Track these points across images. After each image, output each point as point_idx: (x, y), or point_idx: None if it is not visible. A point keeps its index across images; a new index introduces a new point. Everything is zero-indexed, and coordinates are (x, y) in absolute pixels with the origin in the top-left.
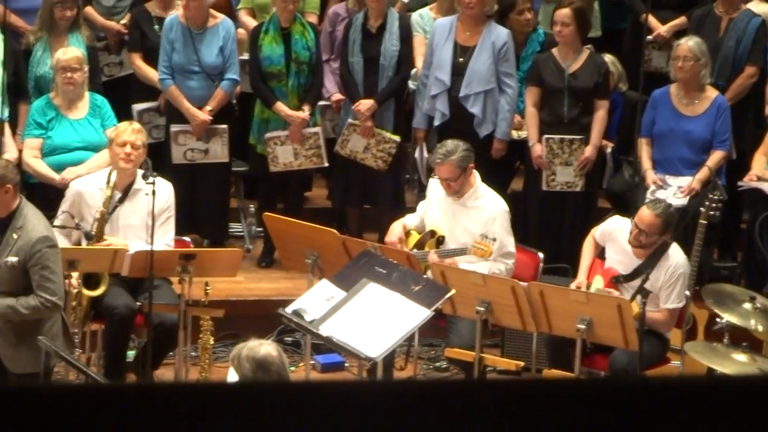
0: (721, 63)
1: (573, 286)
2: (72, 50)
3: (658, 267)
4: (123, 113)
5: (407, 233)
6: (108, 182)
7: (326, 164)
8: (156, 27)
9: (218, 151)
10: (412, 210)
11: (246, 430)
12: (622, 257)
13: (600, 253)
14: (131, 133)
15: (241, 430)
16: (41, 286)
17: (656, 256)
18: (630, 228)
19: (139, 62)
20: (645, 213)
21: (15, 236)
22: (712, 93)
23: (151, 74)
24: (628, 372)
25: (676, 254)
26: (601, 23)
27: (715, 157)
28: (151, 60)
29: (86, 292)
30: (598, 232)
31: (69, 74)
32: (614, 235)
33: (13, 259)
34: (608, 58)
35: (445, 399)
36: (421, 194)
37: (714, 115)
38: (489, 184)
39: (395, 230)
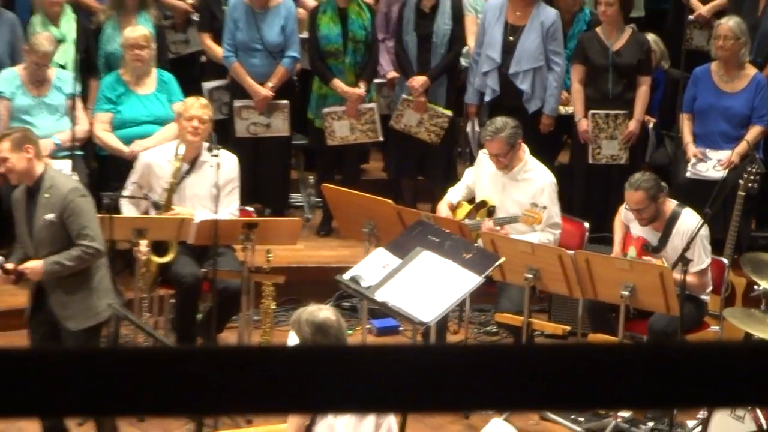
0: (760, 41)
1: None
2: (140, 29)
3: (673, 235)
4: (188, 89)
5: (457, 206)
6: (176, 155)
7: (381, 138)
8: (224, 8)
9: (279, 125)
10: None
11: (297, 392)
12: (644, 234)
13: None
14: (199, 107)
15: (292, 392)
16: (80, 234)
17: (671, 225)
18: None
19: (209, 42)
20: (627, 195)
21: (47, 196)
22: (751, 70)
23: (221, 53)
24: (667, 334)
25: (688, 219)
26: (644, 3)
27: (754, 131)
28: (221, 40)
29: (155, 258)
30: (622, 213)
31: (137, 51)
32: (632, 216)
33: (50, 216)
34: (651, 37)
35: (494, 363)
36: (474, 163)
37: (753, 92)
38: (537, 157)
39: (441, 210)
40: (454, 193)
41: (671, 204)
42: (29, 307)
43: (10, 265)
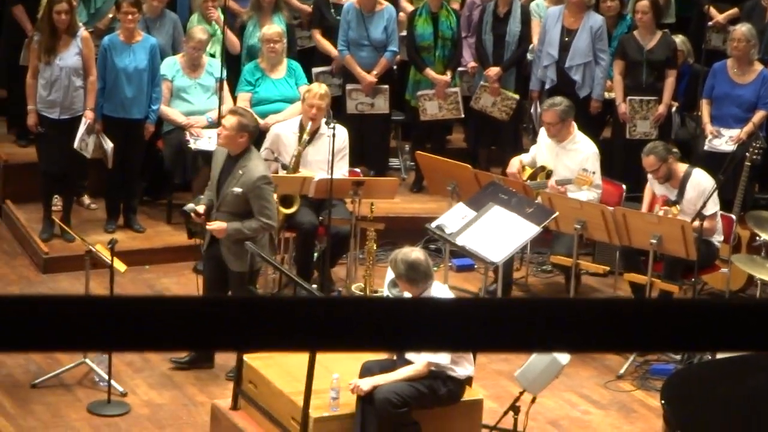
0: (767, 43)
1: None
2: (274, 27)
3: (687, 189)
4: (311, 75)
5: (522, 167)
6: (302, 130)
7: (462, 115)
8: (332, 11)
9: (381, 104)
10: (528, 151)
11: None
12: (666, 192)
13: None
14: (318, 98)
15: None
16: (261, 212)
17: (685, 182)
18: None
19: (318, 36)
20: (643, 160)
21: (241, 172)
22: (758, 66)
23: (327, 46)
24: (676, 267)
25: (698, 176)
26: (675, 11)
27: (759, 115)
28: (327, 35)
29: (282, 210)
30: (649, 179)
31: (272, 45)
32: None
33: (237, 189)
34: (680, 38)
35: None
36: (534, 139)
37: (760, 83)
38: (585, 132)
39: (514, 164)
40: (524, 157)
41: (683, 166)
42: (205, 243)
43: (201, 208)
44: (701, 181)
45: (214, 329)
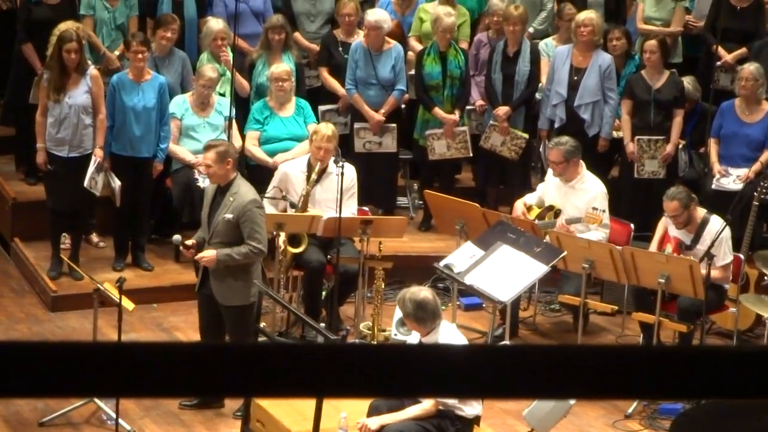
0: None
1: None
2: (283, 66)
3: (704, 236)
4: (318, 113)
5: (529, 208)
6: (309, 169)
7: (471, 155)
8: (340, 49)
9: (389, 143)
10: (535, 190)
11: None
12: (680, 235)
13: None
14: (325, 140)
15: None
16: (251, 236)
17: (702, 229)
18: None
19: (325, 74)
20: (665, 204)
21: (231, 199)
22: (766, 106)
23: (334, 84)
24: (690, 311)
25: (716, 225)
26: (682, 51)
27: (767, 154)
28: (335, 73)
29: (290, 249)
30: (664, 218)
31: (280, 83)
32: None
33: (229, 216)
34: (689, 78)
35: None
36: (543, 178)
37: (767, 122)
38: (593, 171)
39: (518, 207)
40: (529, 197)
41: (701, 211)
42: (198, 283)
43: (189, 242)
44: (720, 231)
45: (220, 377)
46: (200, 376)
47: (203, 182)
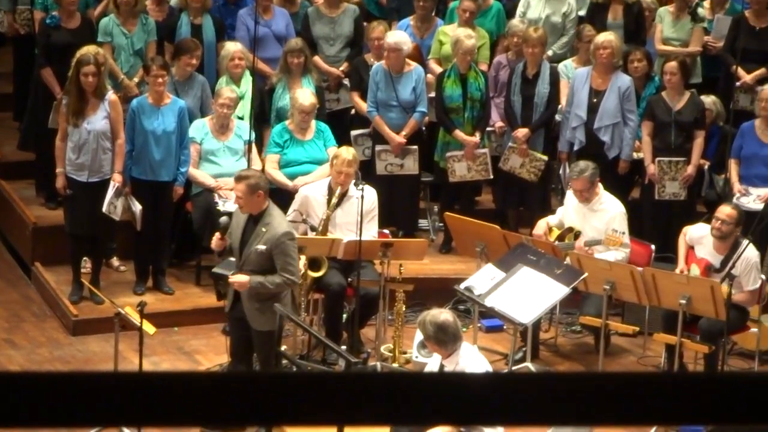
0: None
1: (677, 271)
2: (309, 97)
3: (733, 260)
4: (339, 136)
5: (549, 229)
6: (330, 193)
7: (491, 177)
8: (371, 73)
9: (410, 165)
10: (555, 212)
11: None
12: (708, 256)
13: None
14: (345, 165)
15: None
16: (284, 268)
17: (733, 251)
18: (711, 225)
19: (357, 98)
20: (724, 207)
21: (264, 230)
22: None
23: (365, 107)
24: (712, 333)
25: (747, 249)
26: (702, 72)
27: None
28: (366, 98)
29: (311, 273)
30: (687, 235)
31: (305, 115)
32: (702, 240)
33: (261, 247)
34: (711, 99)
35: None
36: (563, 201)
37: None
38: (614, 193)
39: (540, 226)
40: (551, 218)
41: (736, 234)
42: (229, 303)
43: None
44: (751, 258)
45: (241, 406)
46: (221, 405)
47: (223, 206)
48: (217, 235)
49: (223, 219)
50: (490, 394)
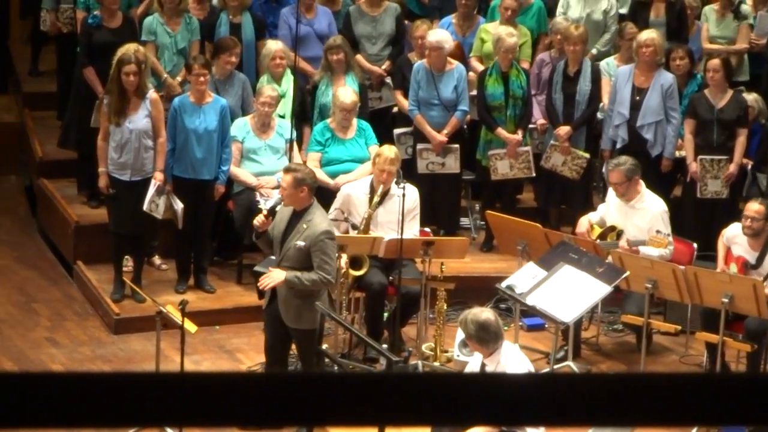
0: None
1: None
2: (351, 96)
3: None
4: (381, 135)
5: (591, 227)
6: (372, 191)
7: (534, 174)
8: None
9: (452, 164)
10: (597, 210)
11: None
12: (744, 254)
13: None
14: (388, 163)
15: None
16: (321, 267)
17: (767, 247)
18: (742, 224)
19: (399, 97)
20: (751, 204)
21: (305, 226)
22: None
23: (407, 106)
24: (760, 332)
25: None
26: (749, 69)
27: None
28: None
29: (352, 272)
30: (724, 237)
31: (346, 112)
32: (736, 239)
33: (301, 243)
34: (753, 96)
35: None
36: (605, 199)
37: None
38: (656, 191)
39: (582, 223)
40: (592, 216)
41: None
42: (266, 300)
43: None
44: None
45: (282, 406)
46: (263, 405)
47: (265, 204)
48: (264, 212)
49: (276, 199)
50: (532, 394)
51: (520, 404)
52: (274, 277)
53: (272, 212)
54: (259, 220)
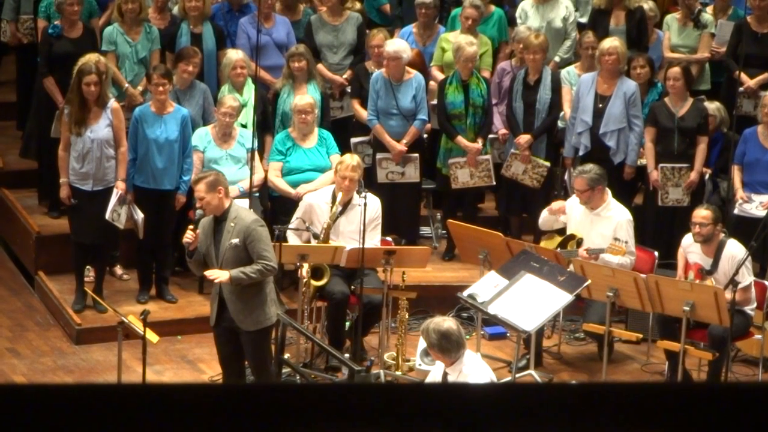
0: None
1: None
2: (306, 98)
3: (722, 260)
4: (342, 144)
5: (550, 236)
6: (334, 201)
7: (494, 183)
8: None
9: (412, 173)
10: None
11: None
12: (700, 261)
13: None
14: (350, 170)
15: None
16: (260, 255)
17: (719, 252)
18: (692, 231)
19: (357, 106)
20: (697, 210)
21: (233, 224)
22: None
23: (365, 115)
24: (723, 339)
25: (732, 247)
26: (710, 78)
27: None
28: (366, 105)
29: (313, 282)
30: (681, 246)
31: (303, 115)
32: (690, 248)
33: (235, 240)
34: (715, 105)
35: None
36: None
37: None
38: (618, 199)
39: (559, 203)
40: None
41: (720, 234)
42: (213, 316)
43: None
44: (735, 254)
45: (244, 417)
46: (224, 416)
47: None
48: (191, 227)
49: (199, 212)
50: (494, 405)
51: (482, 415)
52: (217, 277)
53: (197, 224)
54: (188, 236)
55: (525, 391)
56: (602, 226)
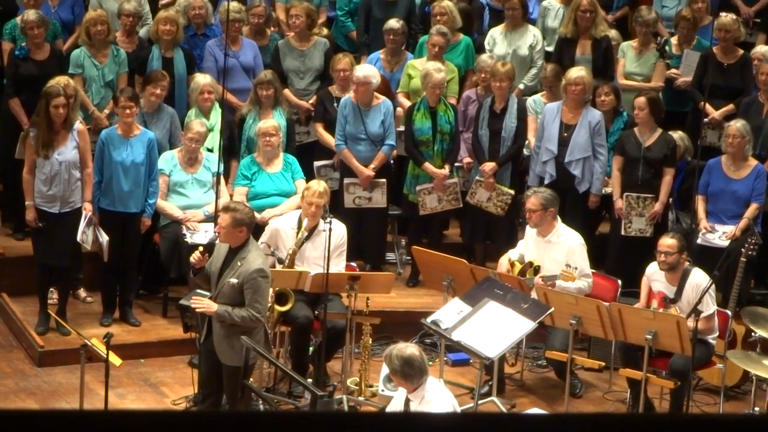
0: (764, 139)
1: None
2: (271, 121)
3: (686, 289)
4: (308, 169)
5: (512, 264)
6: (300, 226)
7: (461, 205)
8: (335, 105)
9: (379, 198)
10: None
11: None
12: (664, 289)
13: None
14: (317, 196)
15: None
16: (251, 304)
17: (683, 280)
18: (657, 260)
19: (321, 130)
20: (663, 238)
21: (239, 263)
22: (753, 162)
23: (329, 139)
24: (684, 372)
25: (697, 276)
26: (664, 106)
27: (752, 208)
28: (330, 129)
29: (277, 307)
30: (646, 275)
31: (268, 138)
32: (655, 276)
33: (234, 280)
34: (679, 134)
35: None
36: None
37: (753, 178)
38: (582, 227)
39: (502, 263)
40: (512, 253)
41: (685, 263)
42: (202, 335)
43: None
44: (700, 283)
45: None
46: None
47: (191, 238)
48: (200, 248)
49: (212, 236)
50: None
51: None
52: (208, 304)
53: (209, 248)
54: (195, 257)
55: (486, 421)
56: (555, 251)
